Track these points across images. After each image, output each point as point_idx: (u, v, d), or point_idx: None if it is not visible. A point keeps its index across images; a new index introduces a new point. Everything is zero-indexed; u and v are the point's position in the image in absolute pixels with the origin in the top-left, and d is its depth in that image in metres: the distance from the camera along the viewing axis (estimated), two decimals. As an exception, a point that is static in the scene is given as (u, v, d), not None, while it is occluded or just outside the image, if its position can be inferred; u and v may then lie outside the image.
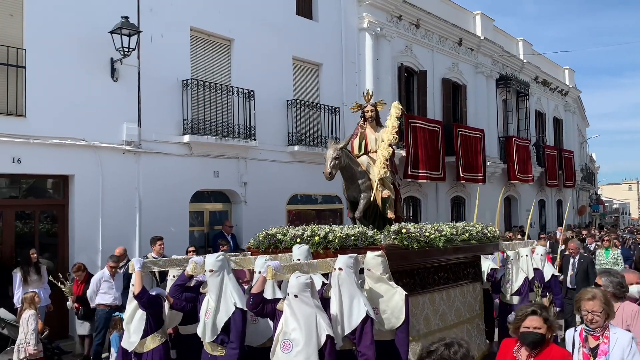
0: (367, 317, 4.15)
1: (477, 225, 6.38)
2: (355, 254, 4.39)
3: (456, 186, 16.93)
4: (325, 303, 4.26)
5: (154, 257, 7.98)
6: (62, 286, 7.82)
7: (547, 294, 7.54)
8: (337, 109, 12.96)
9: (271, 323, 4.46)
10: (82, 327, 8.13)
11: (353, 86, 13.66)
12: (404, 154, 14.31)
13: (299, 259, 4.93)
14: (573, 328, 3.90)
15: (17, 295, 7.78)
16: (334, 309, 4.23)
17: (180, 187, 10.17)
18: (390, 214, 5.99)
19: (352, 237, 5.10)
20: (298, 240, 5.30)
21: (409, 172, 14.33)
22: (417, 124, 14.73)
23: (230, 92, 11.03)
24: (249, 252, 5.80)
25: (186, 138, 10.26)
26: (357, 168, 5.91)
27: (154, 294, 5.03)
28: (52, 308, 8.21)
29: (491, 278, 7.13)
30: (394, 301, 4.58)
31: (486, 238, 6.27)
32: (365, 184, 5.88)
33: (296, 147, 11.98)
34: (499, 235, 6.78)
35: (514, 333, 3.44)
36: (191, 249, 9.00)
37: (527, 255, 7.20)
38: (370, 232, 5.19)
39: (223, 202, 11.43)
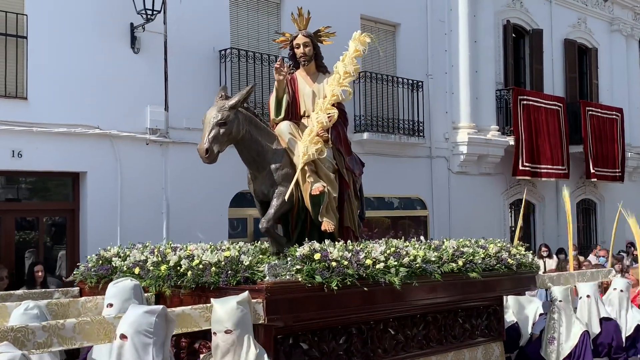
0: None
1: (491, 245, 4.96)
2: (162, 306, 3.21)
3: (584, 186, 16.43)
4: None
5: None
6: None
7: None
8: (420, 84, 12.76)
9: None
10: None
11: (442, 53, 13.41)
12: (512, 143, 13.98)
13: (110, 305, 3.69)
14: None
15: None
16: None
17: (218, 188, 10.14)
18: (327, 225, 4.44)
19: (213, 269, 3.78)
20: (137, 270, 4.06)
21: (520, 168, 14.03)
22: (531, 102, 14.35)
23: (281, 64, 10.92)
24: (77, 288, 4.61)
25: (224, 125, 10.22)
26: (269, 144, 4.49)
27: None
28: None
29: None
30: None
31: (502, 267, 4.87)
32: (281, 172, 4.44)
33: (365, 135, 11.76)
34: (533, 261, 5.34)
35: None
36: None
37: (588, 297, 5.60)
38: (246, 260, 3.82)
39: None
